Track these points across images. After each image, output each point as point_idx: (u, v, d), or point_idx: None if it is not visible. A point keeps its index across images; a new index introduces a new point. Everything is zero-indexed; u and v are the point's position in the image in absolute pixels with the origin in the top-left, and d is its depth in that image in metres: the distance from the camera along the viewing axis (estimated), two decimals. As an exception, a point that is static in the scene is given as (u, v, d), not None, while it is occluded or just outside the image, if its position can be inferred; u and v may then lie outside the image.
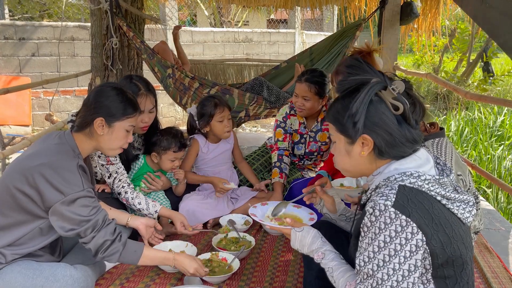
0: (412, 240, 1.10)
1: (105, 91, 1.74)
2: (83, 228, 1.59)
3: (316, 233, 1.42)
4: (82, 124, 1.72)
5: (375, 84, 1.18)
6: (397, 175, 1.18)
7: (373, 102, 1.18)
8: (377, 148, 1.21)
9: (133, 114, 1.78)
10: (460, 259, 1.16)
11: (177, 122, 7.42)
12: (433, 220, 1.13)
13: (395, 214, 1.11)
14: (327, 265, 1.34)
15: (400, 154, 1.21)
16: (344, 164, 1.31)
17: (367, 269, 1.15)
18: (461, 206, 1.20)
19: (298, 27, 9.05)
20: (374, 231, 1.14)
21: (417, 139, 1.21)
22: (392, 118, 1.18)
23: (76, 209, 1.58)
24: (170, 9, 7.21)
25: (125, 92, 1.79)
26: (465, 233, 1.20)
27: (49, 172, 1.55)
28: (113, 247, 1.64)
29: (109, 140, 1.74)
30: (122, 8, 3.53)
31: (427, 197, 1.15)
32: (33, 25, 6.14)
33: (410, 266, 1.11)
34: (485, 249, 2.34)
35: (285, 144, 2.89)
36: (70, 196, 1.56)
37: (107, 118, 1.71)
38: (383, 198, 1.14)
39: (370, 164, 1.25)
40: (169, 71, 3.57)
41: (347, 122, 1.21)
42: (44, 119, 6.05)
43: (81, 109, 1.76)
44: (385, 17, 3.85)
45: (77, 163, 1.63)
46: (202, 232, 2.49)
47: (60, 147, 1.66)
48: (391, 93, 1.18)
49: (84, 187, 1.60)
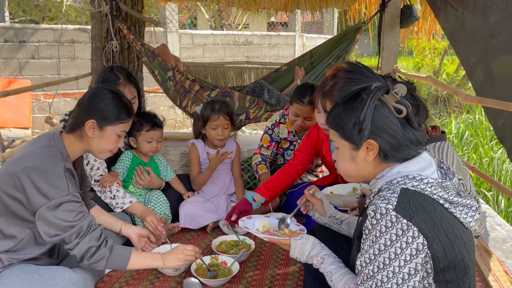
0: (413, 244, 1.10)
1: (101, 94, 1.71)
2: (68, 234, 1.56)
3: (314, 239, 1.43)
4: (73, 125, 1.69)
5: (378, 89, 1.18)
6: (399, 178, 1.18)
7: (376, 107, 1.18)
8: (383, 152, 1.20)
9: (127, 119, 1.75)
10: (462, 264, 1.16)
11: (177, 125, 7.43)
12: (435, 224, 1.12)
13: (396, 218, 1.11)
14: (326, 269, 1.34)
15: (405, 157, 1.21)
16: (348, 170, 1.30)
17: (368, 270, 1.15)
18: (463, 211, 1.20)
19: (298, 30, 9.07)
20: (375, 234, 1.14)
21: (421, 140, 1.21)
22: (396, 122, 1.18)
23: (61, 214, 1.55)
24: (170, 12, 7.22)
25: (121, 96, 1.76)
26: (467, 238, 1.19)
27: (34, 175, 1.53)
28: (99, 253, 1.62)
29: (99, 143, 1.71)
30: (123, 11, 3.54)
31: (429, 201, 1.15)
32: (33, 27, 6.16)
33: (410, 269, 1.11)
34: (485, 253, 2.33)
35: (268, 152, 2.94)
36: (54, 200, 1.53)
37: (99, 121, 1.68)
38: (384, 201, 1.14)
39: (375, 169, 1.25)
40: (170, 74, 3.57)
41: (352, 129, 1.20)
42: (44, 121, 6.05)
43: (74, 109, 1.73)
44: (385, 20, 3.85)
45: (64, 166, 1.60)
46: (202, 234, 2.50)
47: (48, 149, 1.64)
48: (393, 97, 1.18)
49: (69, 191, 1.57)
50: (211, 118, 2.58)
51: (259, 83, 3.81)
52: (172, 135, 5.44)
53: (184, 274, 2.03)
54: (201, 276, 1.94)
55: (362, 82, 1.20)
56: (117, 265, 1.69)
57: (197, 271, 1.97)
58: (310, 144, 2.39)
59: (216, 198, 2.69)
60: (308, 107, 2.58)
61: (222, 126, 2.60)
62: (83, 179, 1.85)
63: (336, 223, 1.67)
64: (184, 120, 7.37)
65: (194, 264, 2.01)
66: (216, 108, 2.58)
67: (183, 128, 7.38)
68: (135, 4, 3.77)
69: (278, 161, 3.11)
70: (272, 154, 2.97)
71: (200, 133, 2.71)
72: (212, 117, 2.58)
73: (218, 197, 2.71)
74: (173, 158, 4.28)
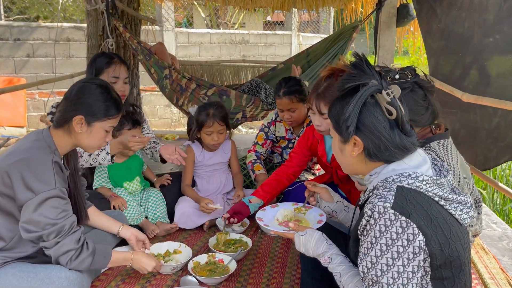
0: (415, 242, 1.10)
1: (89, 88, 1.67)
2: (47, 232, 1.53)
3: (320, 236, 1.39)
4: (60, 120, 1.66)
5: (369, 88, 1.17)
6: (394, 176, 1.18)
7: (368, 105, 1.18)
8: (367, 150, 1.21)
9: (116, 115, 1.71)
10: (458, 260, 1.16)
11: (174, 124, 7.41)
12: (432, 221, 1.12)
13: (394, 216, 1.11)
14: (335, 269, 1.30)
15: (389, 159, 1.21)
16: (338, 159, 1.34)
17: (371, 275, 1.13)
18: (458, 207, 1.20)
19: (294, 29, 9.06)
20: (374, 234, 1.13)
21: (408, 146, 1.19)
22: (385, 123, 1.18)
23: (45, 211, 1.52)
24: (166, 10, 7.20)
25: (110, 91, 1.71)
26: (462, 234, 1.19)
27: (22, 168, 1.51)
28: (81, 257, 1.60)
29: (87, 138, 1.68)
30: (118, 8, 3.52)
31: (425, 198, 1.15)
32: (28, 26, 6.12)
33: (414, 267, 1.10)
34: (481, 250, 2.34)
35: (263, 149, 2.95)
36: (40, 195, 1.51)
37: (87, 117, 1.64)
38: (381, 200, 1.13)
39: (361, 164, 1.26)
40: (166, 72, 3.56)
41: (342, 123, 1.21)
42: (39, 120, 6.00)
43: (61, 102, 1.69)
44: (381, 19, 3.85)
45: (52, 159, 1.57)
46: (198, 233, 2.49)
47: (36, 143, 1.61)
48: (386, 97, 1.16)
49: (56, 185, 1.54)
50: (205, 125, 2.56)
51: (255, 81, 3.81)
52: (168, 134, 5.42)
53: (181, 272, 2.03)
54: (199, 274, 1.93)
55: (360, 78, 1.20)
56: (99, 266, 1.70)
57: (194, 269, 1.97)
58: (306, 146, 2.40)
59: (212, 196, 2.68)
60: (284, 99, 2.65)
61: (217, 132, 2.59)
62: (77, 177, 1.83)
63: (344, 210, 1.67)
64: (180, 119, 7.35)
65: (191, 262, 2.01)
66: (210, 114, 2.55)
67: (179, 127, 7.36)
68: (131, 2, 3.76)
69: (275, 159, 3.10)
70: (266, 152, 2.97)
71: (195, 137, 2.70)
72: (207, 124, 2.56)
73: (214, 196, 2.70)
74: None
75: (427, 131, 1.68)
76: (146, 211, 2.49)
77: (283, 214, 1.80)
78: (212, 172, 2.74)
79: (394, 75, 1.56)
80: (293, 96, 2.64)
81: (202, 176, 2.74)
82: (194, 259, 2.04)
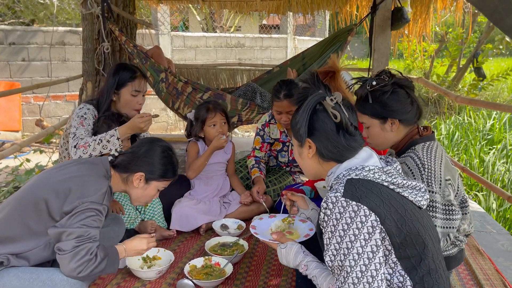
0: (367, 222, 1.19)
1: (156, 150, 1.82)
2: (69, 230, 1.53)
3: (298, 248, 1.46)
4: (123, 167, 1.79)
5: (314, 96, 1.34)
6: (344, 171, 1.32)
7: (318, 111, 1.34)
8: (319, 152, 1.35)
9: (171, 178, 1.86)
10: (419, 237, 1.25)
11: (169, 127, 7.40)
12: (383, 202, 1.22)
13: (346, 202, 1.21)
14: (311, 274, 1.39)
15: (339, 158, 1.34)
16: (300, 164, 1.47)
17: (337, 262, 1.22)
18: (413, 192, 1.31)
19: (290, 33, 9.10)
20: (332, 223, 1.22)
21: (353, 145, 1.33)
22: (332, 126, 1.32)
23: (81, 214, 1.56)
24: (162, 14, 7.21)
25: (172, 156, 1.87)
26: (421, 216, 1.30)
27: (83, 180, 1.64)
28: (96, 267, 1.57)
29: (141, 194, 1.82)
30: (114, 12, 3.52)
31: (374, 184, 1.26)
32: (24, 30, 6.11)
33: (372, 247, 1.19)
34: (476, 252, 2.35)
35: (261, 154, 2.96)
36: (87, 200, 1.58)
37: (147, 175, 1.78)
38: (333, 192, 1.25)
39: (318, 165, 1.39)
40: (162, 76, 3.55)
41: (295, 128, 1.37)
42: (35, 124, 5.99)
43: (128, 152, 1.83)
44: (376, 22, 3.87)
45: (108, 184, 1.70)
46: (195, 237, 2.49)
47: (95, 167, 1.73)
48: (330, 103, 1.31)
49: (104, 202, 1.63)
50: (208, 117, 2.62)
51: (251, 86, 3.80)
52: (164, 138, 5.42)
53: (177, 276, 2.02)
54: (195, 277, 1.93)
55: (311, 91, 1.37)
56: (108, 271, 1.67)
57: (190, 273, 1.96)
58: None
59: (209, 199, 2.69)
60: (285, 101, 2.63)
61: (220, 122, 2.64)
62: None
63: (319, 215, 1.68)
64: (176, 122, 7.35)
65: (188, 266, 2.00)
66: (211, 107, 2.64)
67: (175, 130, 7.35)
68: (126, 6, 3.75)
69: (270, 162, 3.11)
70: (266, 155, 2.96)
71: (197, 137, 2.71)
72: (209, 116, 2.62)
73: (211, 198, 2.71)
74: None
75: (414, 132, 1.70)
76: (143, 215, 2.48)
77: (277, 225, 1.82)
78: (210, 174, 2.74)
79: (371, 82, 1.66)
80: (294, 99, 2.64)
81: (200, 178, 2.74)
82: (190, 262, 2.04)
